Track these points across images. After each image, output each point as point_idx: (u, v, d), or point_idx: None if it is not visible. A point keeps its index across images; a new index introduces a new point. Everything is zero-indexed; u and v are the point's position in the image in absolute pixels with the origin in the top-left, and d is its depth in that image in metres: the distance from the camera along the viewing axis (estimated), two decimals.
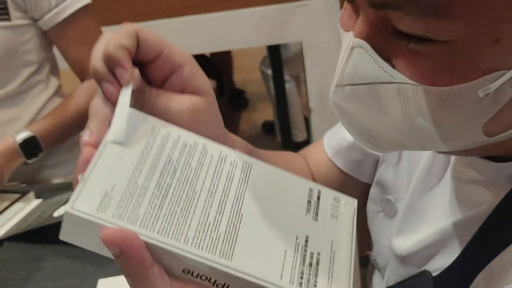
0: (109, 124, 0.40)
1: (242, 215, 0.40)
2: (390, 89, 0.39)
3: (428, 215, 0.54)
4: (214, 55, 3.55)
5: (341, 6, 0.44)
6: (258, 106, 3.56)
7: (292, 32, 1.70)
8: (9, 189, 1.10)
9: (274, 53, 2.21)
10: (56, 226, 0.88)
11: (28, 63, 1.12)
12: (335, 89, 0.42)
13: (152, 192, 0.38)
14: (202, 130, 0.44)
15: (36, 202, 1.05)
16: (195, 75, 0.45)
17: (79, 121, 1.14)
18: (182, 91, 0.45)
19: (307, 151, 0.75)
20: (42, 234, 0.90)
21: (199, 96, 0.45)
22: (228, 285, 0.37)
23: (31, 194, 1.07)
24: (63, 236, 0.37)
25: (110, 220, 0.36)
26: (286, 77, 2.60)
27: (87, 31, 1.12)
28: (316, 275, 0.39)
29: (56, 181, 1.17)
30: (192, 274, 0.37)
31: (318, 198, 0.44)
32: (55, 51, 1.19)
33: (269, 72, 2.63)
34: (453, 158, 0.53)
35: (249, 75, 3.61)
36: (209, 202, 0.39)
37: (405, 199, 0.58)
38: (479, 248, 0.46)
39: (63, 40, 1.13)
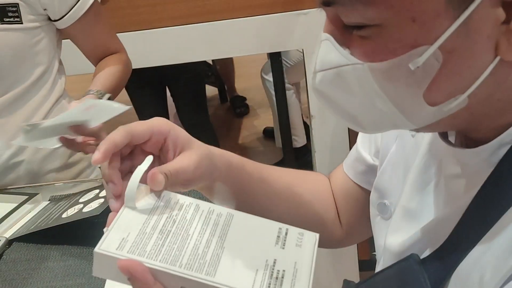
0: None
1: (224, 248, 0.52)
2: (348, 70, 0.47)
3: (419, 214, 0.57)
4: (217, 62, 3.58)
5: None
6: (259, 113, 3.59)
7: (294, 39, 1.73)
8: (17, 191, 1.11)
9: (275, 60, 2.23)
10: (64, 227, 0.91)
11: (38, 64, 1.14)
12: (312, 76, 0.50)
13: (157, 236, 0.51)
14: (205, 163, 0.58)
15: (43, 203, 1.07)
16: (179, 133, 0.59)
17: (121, 85, 1.21)
18: (181, 151, 0.58)
19: (333, 171, 0.81)
20: (51, 235, 0.92)
21: (189, 150, 0.58)
22: None
23: (39, 196, 1.08)
24: (95, 272, 0.50)
25: (125, 255, 0.49)
26: (286, 84, 2.62)
27: (103, 16, 1.19)
28: (281, 285, 0.49)
29: (62, 184, 1.18)
30: None
31: (286, 234, 0.55)
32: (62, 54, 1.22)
33: (270, 79, 2.65)
34: (442, 157, 0.56)
35: (250, 82, 3.64)
36: (199, 241, 0.52)
37: (399, 202, 0.61)
38: (465, 232, 0.49)
39: (83, 33, 1.18)
